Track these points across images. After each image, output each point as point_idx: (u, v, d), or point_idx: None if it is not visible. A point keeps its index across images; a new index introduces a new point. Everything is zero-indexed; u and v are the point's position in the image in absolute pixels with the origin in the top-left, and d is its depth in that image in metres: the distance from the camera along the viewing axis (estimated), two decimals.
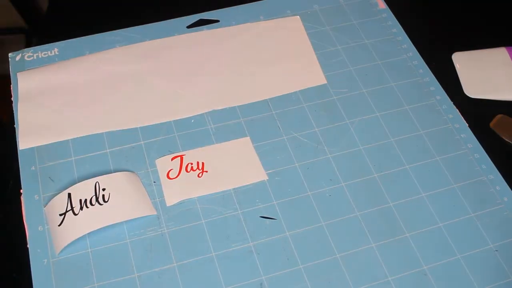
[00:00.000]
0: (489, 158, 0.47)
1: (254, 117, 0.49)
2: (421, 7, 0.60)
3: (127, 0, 0.59)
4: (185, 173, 0.45)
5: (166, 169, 0.45)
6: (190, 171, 0.45)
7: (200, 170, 0.45)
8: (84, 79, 0.50)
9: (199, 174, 0.45)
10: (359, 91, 0.51)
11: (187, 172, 0.45)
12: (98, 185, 0.43)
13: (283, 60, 0.52)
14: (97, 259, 0.41)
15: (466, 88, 0.52)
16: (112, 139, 0.47)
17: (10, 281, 0.42)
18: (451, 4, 0.59)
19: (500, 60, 0.53)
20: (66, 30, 0.56)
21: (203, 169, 0.45)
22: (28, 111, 0.49)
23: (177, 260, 0.41)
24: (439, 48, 0.55)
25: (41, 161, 0.46)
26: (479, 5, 0.59)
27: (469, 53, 0.54)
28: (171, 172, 0.45)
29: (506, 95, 0.51)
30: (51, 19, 0.60)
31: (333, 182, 0.45)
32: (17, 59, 0.52)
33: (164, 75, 0.51)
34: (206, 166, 0.45)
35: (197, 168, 0.45)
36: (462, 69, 0.53)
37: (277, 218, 0.44)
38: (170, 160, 0.46)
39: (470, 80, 0.52)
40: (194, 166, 0.45)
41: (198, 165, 0.45)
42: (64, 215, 0.42)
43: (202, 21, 0.55)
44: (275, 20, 0.55)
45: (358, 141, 0.48)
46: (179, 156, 0.46)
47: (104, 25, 0.54)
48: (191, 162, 0.46)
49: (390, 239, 0.43)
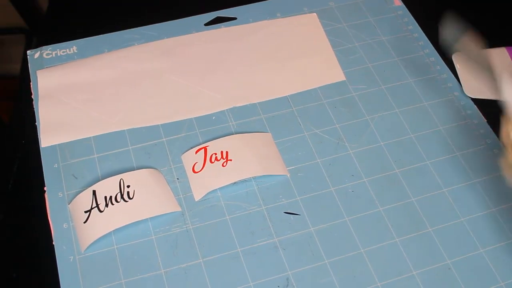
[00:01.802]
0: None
1: (275, 114, 0.49)
2: (435, 3, 0.60)
3: None
4: (210, 164, 0.45)
5: (191, 163, 0.46)
6: (214, 161, 0.45)
7: (224, 159, 0.45)
8: (104, 77, 0.51)
9: (224, 164, 0.45)
10: (378, 88, 0.51)
11: (211, 163, 0.45)
12: (122, 182, 0.44)
13: (302, 57, 0.53)
14: (123, 255, 0.42)
15: (466, 88, 0.52)
16: (134, 136, 0.47)
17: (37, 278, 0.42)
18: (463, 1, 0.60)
19: (500, 60, 0.53)
20: (66, 30, 0.56)
21: (227, 158, 0.45)
22: (48, 108, 0.49)
23: (203, 256, 0.42)
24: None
25: (64, 158, 0.46)
26: (480, 5, 0.60)
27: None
28: (196, 165, 0.45)
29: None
30: (51, 19, 0.60)
31: (355, 178, 0.46)
32: (35, 57, 0.52)
33: (183, 72, 0.51)
34: (230, 155, 0.46)
35: (221, 158, 0.45)
36: (462, 69, 0.53)
37: (301, 214, 0.44)
38: (195, 153, 0.46)
39: (470, 80, 0.52)
40: (218, 156, 0.45)
41: (222, 155, 0.46)
42: (90, 212, 0.42)
43: (220, 18, 0.55)
44: (292, 17, 0.55)
45: (379, 137, 0.48)
46: (203, 148, 0.46)
47: (104, 27, 0.54)
48: (215, 152, 0.46)
49: (413, 234, 0.43)
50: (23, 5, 0.97)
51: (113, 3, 0.59)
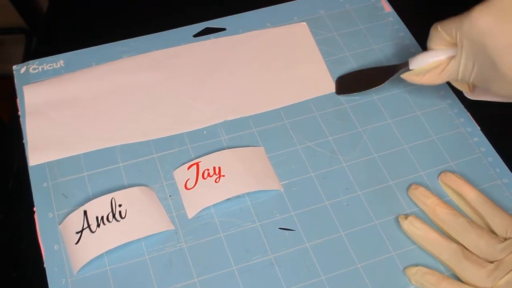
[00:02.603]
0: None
1: (267, 127, 0.49)
2: (426, 9, 0.60)
3: (130, 8, 0.59)
4: (202, 181, 0.45)
5: (183, 180, 0.45)
6: (207, 177, 0.45)
7: (217, 175, 0.45)
8: (92, 91, 0.50)
9: (216, 179, 0.44)
10: (370, 98, 0.51)
11: (204, 179, 0.45)
12: (114, 201, 0.43)
13: (293, 68, 0.52)
14: (117, 277, 0.41)
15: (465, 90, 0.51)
16: (125, 152, 0.47)
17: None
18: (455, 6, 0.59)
19: None
20: (66, 30, 0.56)
21: (220, 174, 0.45)
22: (36, 125, 0.48)
23: (198, 275, 0.41)
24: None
25: (53, 177, 0.45)
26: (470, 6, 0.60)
27: None
28: (188, 182, 0.45)
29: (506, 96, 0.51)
30: (51, 19, 0.59)
31: (349, 191, 0.45)
32: (21, 72, 0.51)
33: (173, 84, 0.50)
34: (222, 171, 0.45)
35: (214, 174, 0.45)
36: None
37: (296, 229, 0.43)
38: (187, 169, 0.45)
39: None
40: (211, 172, 0.45)
41: (215, 170, 0.45)
42: (81, 233, 0.42)
43: (209, 29, 0.55)
44: (282, 27, 0.55)
45: (372, 149, 0.48)
46: (195, 164, 0.45)
47: (103, 27, 0.54)
48: (207, 168, 0.45)
49: (410, 247, 0.43)
50: (23, 5, 0.97)
51: (99, 16, 0.58)
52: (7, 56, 0.48)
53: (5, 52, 0.48)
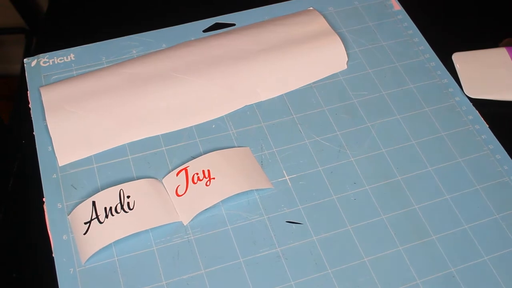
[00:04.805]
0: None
1: (275, 121, 0.49)
2: (435, 7, 0.60)
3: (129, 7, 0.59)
4: (193, 185, 0.44)
5: (174, 186, 0.44)
6: (197, 181, 0.44)
7: (207, 178, 0.44)
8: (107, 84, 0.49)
9: (207, 183, 0.44)
10: (378, 94, 0.51)
11: (194, 183, 0.44)
12: (122, 192, 0.43)
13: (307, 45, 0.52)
14: (124, 267, 0.41)
15: (466, 88, 0.51)
16: (133, 145, 0.47)
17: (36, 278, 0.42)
18: (463, 4, 0.60)
19: (500, 60, 0.53)
20: (66, 30, 0.56)
21: (210, 177, 0.44)
22: (57, 122, 0.47)
23: (205, 267, 0.41)
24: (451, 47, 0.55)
25: (63, 169, 0.46)
26: (480, 8, 0.60)
27: (469, 53, 0.54)
28: (179, 188, 0.44)
29: (506, 95, 0.51)
30: (51, 19, 0.59)
31: (357, 186, 0.45)
32: (32, 65, 0.52)
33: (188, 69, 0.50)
34: (212, 173, 0.44)
35: (203, 177, 0.44)
36: (462, 69, 0.53)
37: (303, 223, 0.43)
38: (176, 175, 0.45)
39: (470, 80, 0.52)
40: (200, 176, 0.44)
41: (204, 173, 0.44)
42: (89, 223, 0.42)
43: (218, 25, 0.55)
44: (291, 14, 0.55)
45: (380, 144, 0.48)
46: (183, 169, 0.45)
47: (103, 27, 0.54)
48: (196, 172, 0.45)
49: (417, 242, 0.43)
50: (23, 5, 0.97)
51: (109, 10, 0.59)
52: (7, 56, 0.48)
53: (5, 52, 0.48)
